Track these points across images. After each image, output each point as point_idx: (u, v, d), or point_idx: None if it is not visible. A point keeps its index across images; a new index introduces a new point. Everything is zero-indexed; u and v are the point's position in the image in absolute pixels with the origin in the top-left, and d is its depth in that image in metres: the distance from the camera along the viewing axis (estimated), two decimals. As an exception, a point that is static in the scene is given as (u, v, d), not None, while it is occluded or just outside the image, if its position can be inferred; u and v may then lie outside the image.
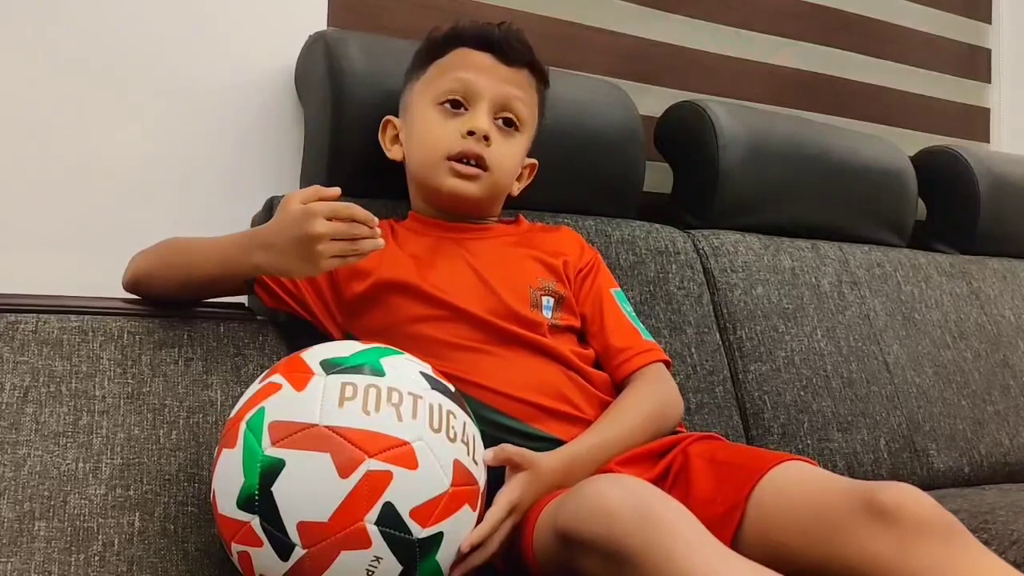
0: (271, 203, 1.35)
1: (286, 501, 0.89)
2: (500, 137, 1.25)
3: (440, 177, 1.24)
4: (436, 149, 1.23)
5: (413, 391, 0.95)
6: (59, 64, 1.36)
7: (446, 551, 0.94)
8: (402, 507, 0.90)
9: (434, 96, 1.25)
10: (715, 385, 1.54)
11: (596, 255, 1.35)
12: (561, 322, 1.24)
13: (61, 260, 1.34)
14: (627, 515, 0.86)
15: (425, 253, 1.24)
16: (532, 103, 1.30)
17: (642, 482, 0.94)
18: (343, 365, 0.95)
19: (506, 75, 1.26)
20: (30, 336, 1.09)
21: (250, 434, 0.92)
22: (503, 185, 1.28)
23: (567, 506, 0.93)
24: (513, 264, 1.26)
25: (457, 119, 1.23)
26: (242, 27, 1.48)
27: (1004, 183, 2.06)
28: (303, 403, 0.92)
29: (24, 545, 1.00)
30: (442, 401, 0.97)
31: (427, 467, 0.92)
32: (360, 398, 0.92)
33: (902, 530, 0.92)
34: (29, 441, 1.05)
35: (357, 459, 0.89)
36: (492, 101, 1.24)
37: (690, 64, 1.96)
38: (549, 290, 1.24)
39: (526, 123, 1.28)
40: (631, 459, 1.14)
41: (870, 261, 1.84)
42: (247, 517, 0.91)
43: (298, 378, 0.95)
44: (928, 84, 2.32)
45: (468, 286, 1.21)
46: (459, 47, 1.27)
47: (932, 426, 1.73)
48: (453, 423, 0.96)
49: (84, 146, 1.38)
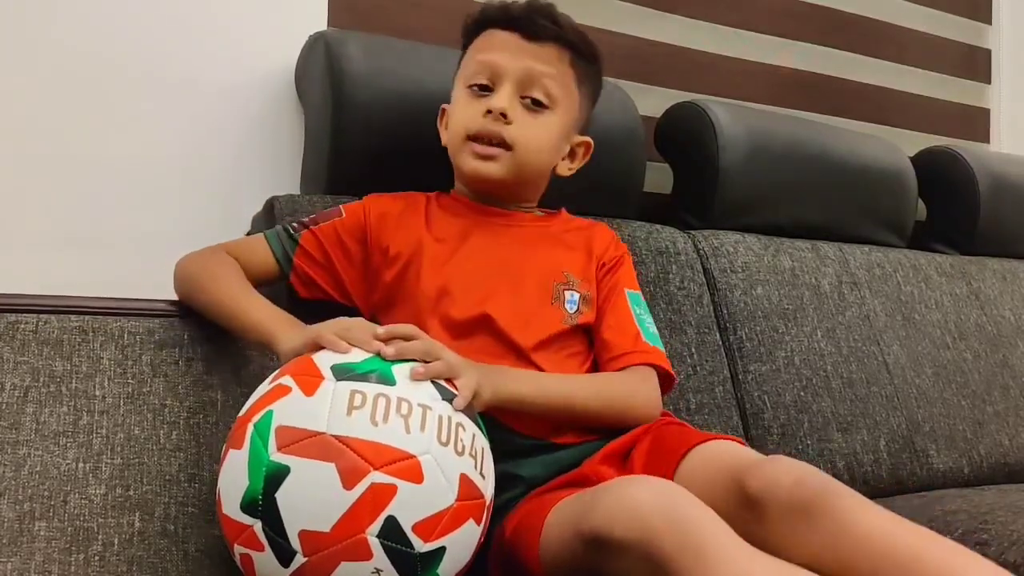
0: (271, 203, 1.35)
1: (289, 508, 0.88)
2: (525, 115, 1.23)
3: (463, 159, 1.24)
4: (459, 130, 1.23)
5: (423, 402, 0.94)
6: (59, 64, 1.36)
7: (447, 566, 0.93)
8: (405, 521, 0.89)
9: (464, 80, 1.25)
10: (715, 385, 1.54)
11: (624, 252, 1.34)
12: (580, 321, 1.23)
13: (61, 260, 1.34)
14: (659, 517, 0.86)
15: (454, 237, 1.24)
16: (565, 77, 1.26)
17: (671, 483, 0.94)
18: (354, 371, 0.94)
19: (531, 51, 1.23)
20: (30, 336, 1.09)
21: (257, 437, 0.92)
22: (533, 164, 1.26)
23: (598, 508, 0.92)
24: (541, 256, 1.26)
25: (480, 100, 1.23)
26: (242, 27, 1.48)
27: (1004, 183, 2.06)
28: (311, 409, 0.91)
29: (24, 545, 1.00)
30: (452, 413, 0.95)
31: (433, 481, 0.90)
32: (368, 407, 0.91)
33: (766, 516, 0.94)
34: (29, 441, 1.05)
35: (362, 471, 0.88)
36: (516, 79, 1.22)
37: (690, 64, 1.96)
38: (574, 285, 1.24)
39: (558, 100, 1.25)
40: (607, 456, 1.14)
41: (870, 262, 1.84)
42: (250, 521, 0.90)
43: (308, 382, 0.94)
44: (928, 84, 2.32)
45: (489, 274, 1.21)
46: (487, 29, 1.27)
47: (932, 427, 1.73)
48: (462, 436, 0.95)
49: (84, 146, 1.37)
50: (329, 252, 1.22)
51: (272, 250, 1.22)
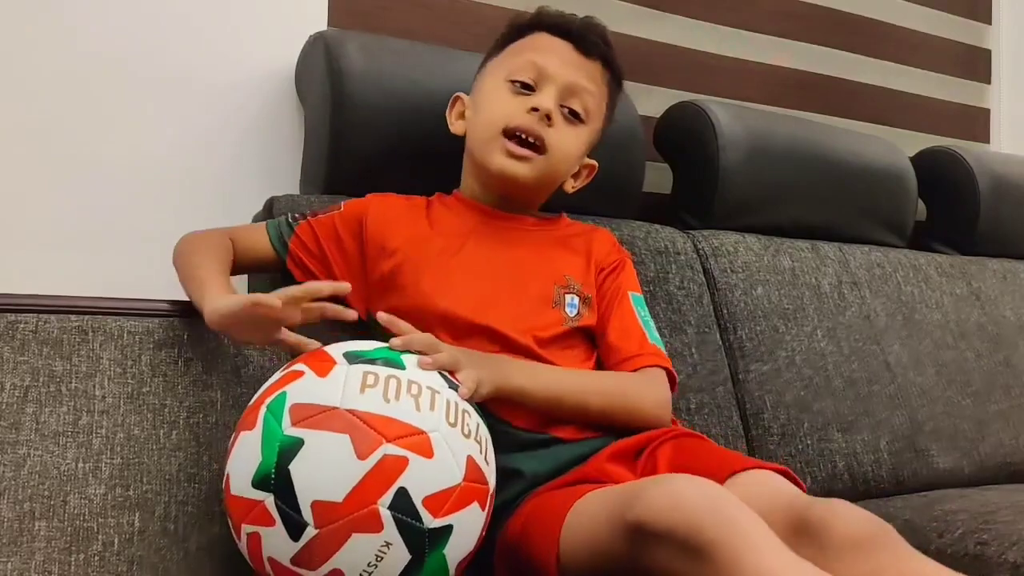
0: (271, 203, 1.35)
1: (302, 479, 0.90)
2: (563, 123, 1.24)
3: (492, 154, 1.23)
4: (496, 121, 1.23)
5: (432, 386, 0.97)
6: (59, 64, 1.36)
7: (454, 545, 0.94)
8: (416, 494, 0.91)
9: (506, 73, 1.25)
10: (715, 385, 1.54)
11: (625, 256, 1.35)
12: (581, 323, 1.23)
13: (61, 260, 1.34)
14: (704, 511, 0.87)
15: (455, 238, 1.24)
16: (601, 98, 1.29)
17: (716, 484, 0.94)
18: (365, 357, 0.98)
19: (580, 64, 1.26)
20: (30, 336, 1.09)
21: (270, 416, 0.94)
22: (557, 173, 1.27)
23: (643, 500, 0.92)
24: (543, 259, 1.26)
25: (523, 97, 1.23)
26: (242, 27, 1.48)
27: (1004, 183, 2.06)
28: (325, 387, 0.94)
29: (24, 545, 1.00)
30: (458, 400, 0.99)
31: (442, 458, 0.93)
32: (381, 386, 0.94)
33: (827, 546, 0.93)
34: (29, 441, 1.05)
35: (375, 442, 0.90)
36: (561, 87, 1.24)
37: (690, 64, 1.96)
38: (575, 289, 1.24)
39: (592, 117, 1.27)
40: (616, 454, 1.14)
41: (870, 262, 1.84)
42: (261, 496, 0.91)
43: (321, 366, 0.97)
44: (928, 84, 2.32)
45: (491, 277, 1.21)
46: (538, 31, 1.28)
47: (934, 426, 1.72)
48: (468, 421, 0.98)
49: (84, 146, 1.38)
50: (323, 244, 1.23)
51: (270, 236, 1.24)
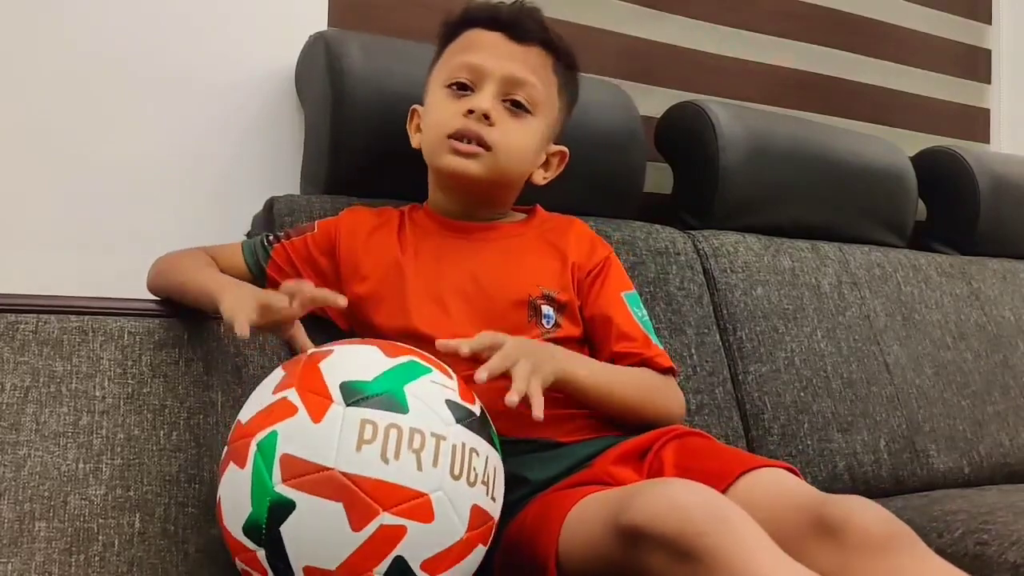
0: (271, 203, 1.35)
1: (293, 543, 0.87)
2: (507, 118, 1.21)
3: (441, 157, 1.21)
4: (438, 130, 1.21)
5: (436, 431, 0.90)
6: (59, 64, 1.36)
7: None
8: (414, 560, 0.88)
9: (444, 78, 1.23)
10: (715, 386, 1.54)
11: (608, 253, 1.30)
12: (558, 334, 1.20)
13: (61, 260, 1.34)
14: (701, 515, 0.87)
15: (427, 256, 1.23)
16: (548, 84, 1.24)
17: (712, 489, 0.93)
18: (364, 393, 0.90)
19: (516, 54, 1.22)
20: (30, 336, 1.09)
21: (260, 459, 0.89)
22: (511, 169, 1.23)
23: (639, 503, 0.91)
24: (516, 269, 1.23)
25: (461, 100, 1.20)
26: (242, 27, 1.48)
27: (1004, 183, 2.06)
28: (319, 437, 0.88)
29: (24, 545, 1.00)
30: (466, 438, 0.92)
31: (443, 519, 0.89)
32: (379, 442, 0.87)
33: (847, 545, 0.92)
34: (29, 441, 1.05)
35: (371, 512, 0.86)
36: (499, 81, 1.20)
37: (690, 64, 1.96)
38: (550, 299, 1.21)
39: (540, 105, 1.23)
40: (622, 456, 1.13)
41: (870, 262, 1.84)
42: (253, 546, 0.89)
43: (315, 402, 0.90)
44: (928, 84, 2.32)
45: (465, 298, 1.19)
46: (470, 28, 1.24)
47: (932, 427, 1.73)
48: (475, 463, 0.92)
49: (84, 146, 1.37)
50: (298, 266, 1.22)
51: (246, 260, 1.23)
